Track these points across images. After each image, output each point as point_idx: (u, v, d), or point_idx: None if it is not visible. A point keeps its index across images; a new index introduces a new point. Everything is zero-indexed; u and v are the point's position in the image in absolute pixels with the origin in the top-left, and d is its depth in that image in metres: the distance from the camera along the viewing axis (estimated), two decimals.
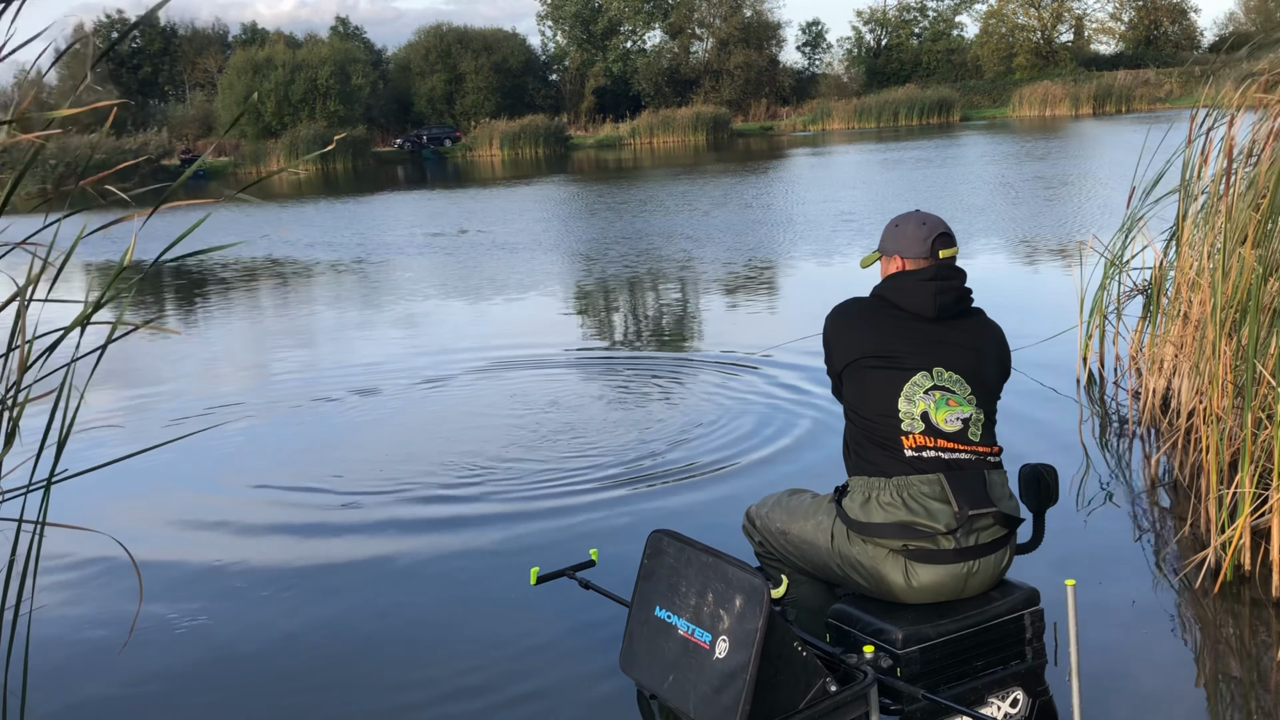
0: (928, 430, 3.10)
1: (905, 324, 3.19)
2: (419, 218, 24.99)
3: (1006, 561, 3.20)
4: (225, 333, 12.62)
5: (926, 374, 3.14)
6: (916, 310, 3.20)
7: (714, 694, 2.80)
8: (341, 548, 5.52)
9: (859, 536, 3.12)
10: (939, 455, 3.08)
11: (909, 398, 3.11)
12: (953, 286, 3.24)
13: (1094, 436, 6.65)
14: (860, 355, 3.18)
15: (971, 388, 3.17)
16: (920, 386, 3.12)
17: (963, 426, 3.12)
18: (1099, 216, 15.76)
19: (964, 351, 3.19)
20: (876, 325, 3.20)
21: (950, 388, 3.14)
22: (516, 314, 12.13)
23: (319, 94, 61.04)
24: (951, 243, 3.28)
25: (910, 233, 3.27)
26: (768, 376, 8.35)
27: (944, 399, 3.12)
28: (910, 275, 3.24)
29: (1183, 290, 6.40)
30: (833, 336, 3.29)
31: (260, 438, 7.65)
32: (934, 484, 3.05)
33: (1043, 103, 60.09)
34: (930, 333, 3.18)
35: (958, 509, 3.02)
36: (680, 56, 73.17)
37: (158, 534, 5.80)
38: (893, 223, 3.35)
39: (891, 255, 3.31)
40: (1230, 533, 4.50)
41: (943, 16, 77.65)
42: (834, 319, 3.32)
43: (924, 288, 3.21)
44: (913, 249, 3.25)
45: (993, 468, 3.17)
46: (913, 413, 3.10)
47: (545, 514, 5.77)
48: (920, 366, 3.14)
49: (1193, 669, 3.96)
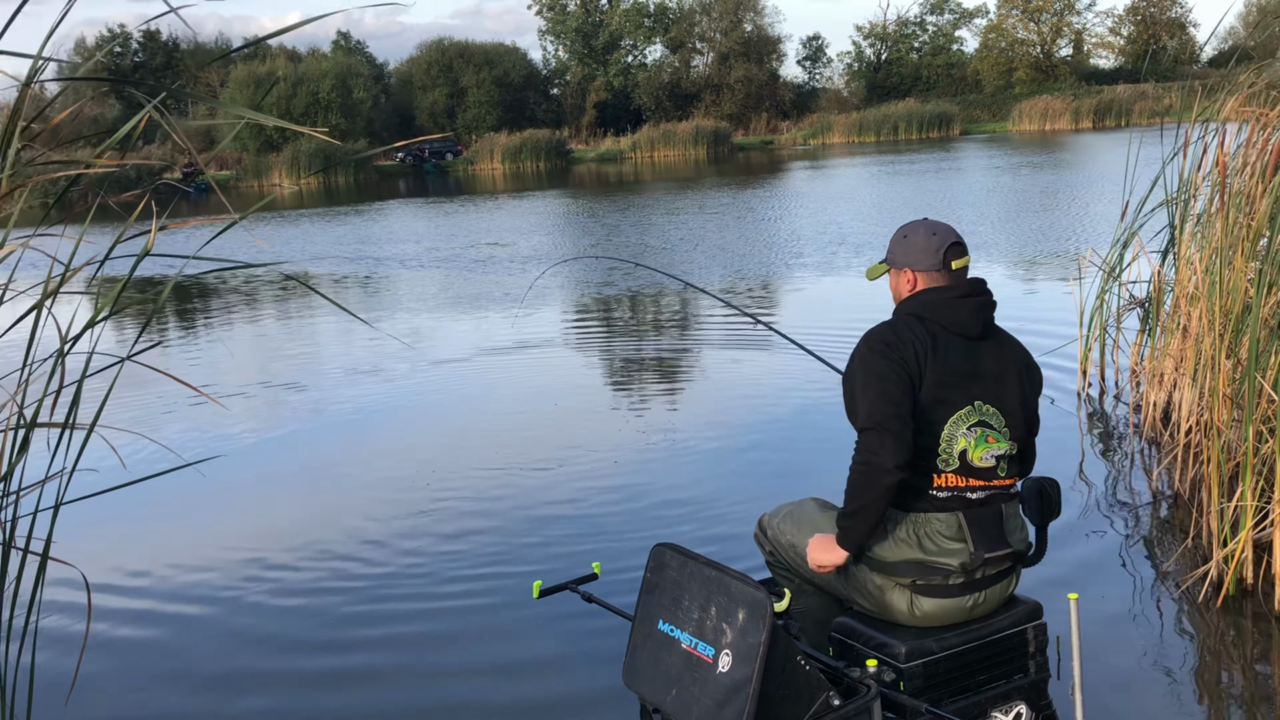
0: (961, 469, 3.00)
1: (956, 349, 3.02)
2: (456, 232, 25.00)
3: (1013, 585, 3.19)
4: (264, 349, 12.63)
5: (971, 408, 3.01)
6: (961, 331, 3.04)
7: (717, 708, 2.80)
8: (340, 560, 5.52)
9: (867, 567, 3.11)
10: (963, 495, 3.01)
11: (951, 434, 2.99)
12: (989, 303, 3.12)
13: (1095, 450, 6.65)
14: (926, 386, 2.96)
15: (1007, 420, 3.07)
16: (964, 421, 3.00)
17: (995, 464, 3.04)
18: (1099, 228, 15.77)
19: (999, 381, 3.07)
20: (937, 347, 3.00)
21: (990, 422, 3.03)
22: (520, 318, 12.12)
23: (321, 107, 61.17)
24: (964, 252, 3.13)
25: (920, 243, 3.11)
26: (777, 387, 8.35)
27: (983, 435, 3.01)
28: (943, 292, 3.07)
29: (1181, 304, 6.41)
30: (886, 369, 2.95)
31: (252, 456, 7.66)
32: (951, 523, 3.00)
33: (1043, 117, 60.17)
34: (971, 358, 3.04)
35: (973, 550, 2.99)
36: (681, 71, 73.30)
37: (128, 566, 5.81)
38: (900, 233, 3.19)
39: (901, 268, 3.15)
40: (1232, 546, 4.50)
41: (942, 31, 77.79)
42: (885, 347, 2.99)
43: (963, 306, 3.05)
44: (924, 261, 3.10)
45: (1009, 499, 3.12)
46: (952, 450, 2.99)
47: (547, 527, 5.78)
48: (966, 400, 3.01)
49: (1195, 683, 3.96)
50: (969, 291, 3.08)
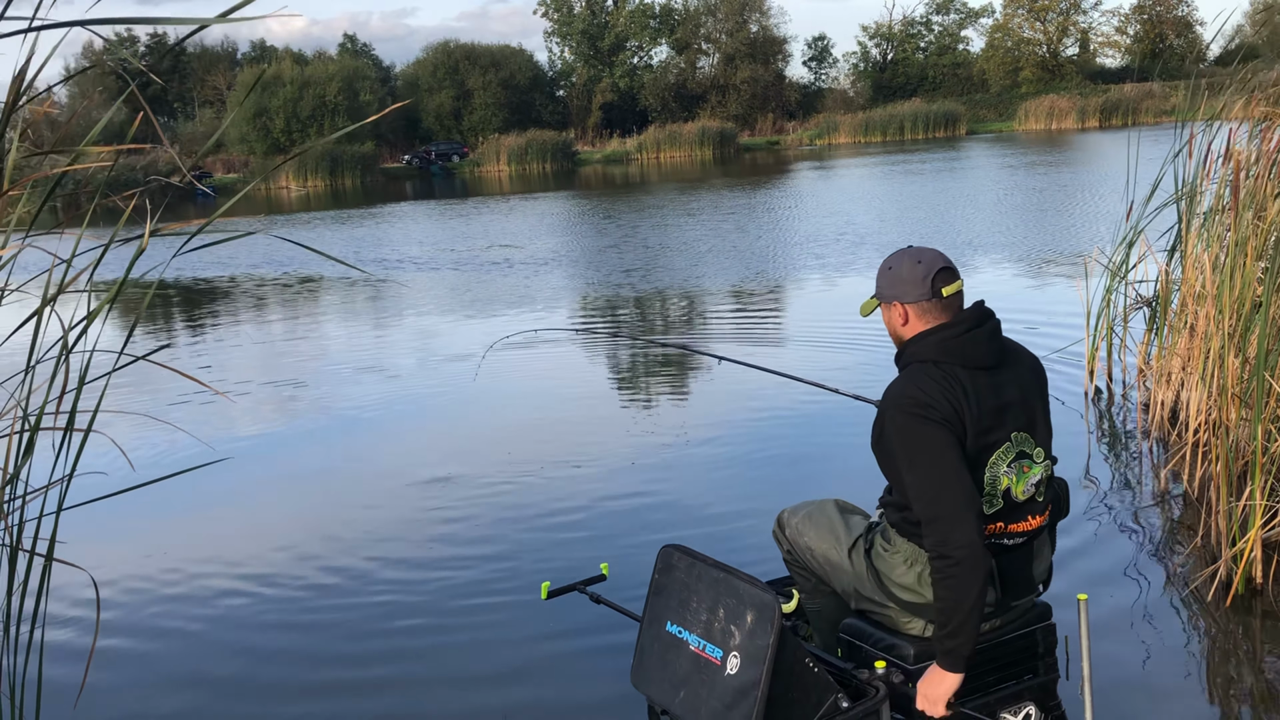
0: (1003, 511, 2.93)
1: (982, 387, 2.90)
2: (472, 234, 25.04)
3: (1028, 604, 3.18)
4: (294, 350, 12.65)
5: (1009, 444, 2.92)
6: (980, 364, 2.92)
7: (725, 710, 2.80)
8: (348, 559, 5.53)
9: (892, 597, 3.08)
10: (1000, 542, 2.97)
11: (994, 476, 2.91)
12: (998, 328, 3.00)
13: (1103, 449, 6.63)
14: (970, 435, 2.86)
15: (1037, 442, 3.01)
16: (1004, 459, 2.92)
17: (1034, 491, 2.99)
18: (1105, 227, 15.74)
19: (1025, 404, 2.99)
20: (965, 394, 2.87)
21: (1026, 450, 2.96)
22: (529, 318, 12.14)
23: (327, 110, 61.31)
24: (954, 276, 2.98)
25: (906, 274, 2.97)
26: (791, 389, 8.34)
27: (1020, 467, 2.94)
28: (949, 330, 2.93)
29: (1188, 302, 6.40)
30: (934, 437, 2.82)
31: (261, 457, 7.67)
32: None
33: (1049, 116, 60.09)
34: (998, 392, 2.93)
35: (1001, 597, 2.98)
36: (687, 72, 73.37)
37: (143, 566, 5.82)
38: (885, 264, 3.06)
39: (891, 301, 3.02)
40: (1241, 545, 4.48)
41: (948, 31, 77.77)
42: (924, 416, 2.83)
43: (976, 340, 2.92)
44: (912, 292, 2.95)
45: (1040, 532, 3.08)
46: (996, 492, 2.91)
47: (556, 528, 5.78)
48: (1005, 437, 2.92)
49: (1205, 682, 3.95)
50: (975, 322, 2.94)
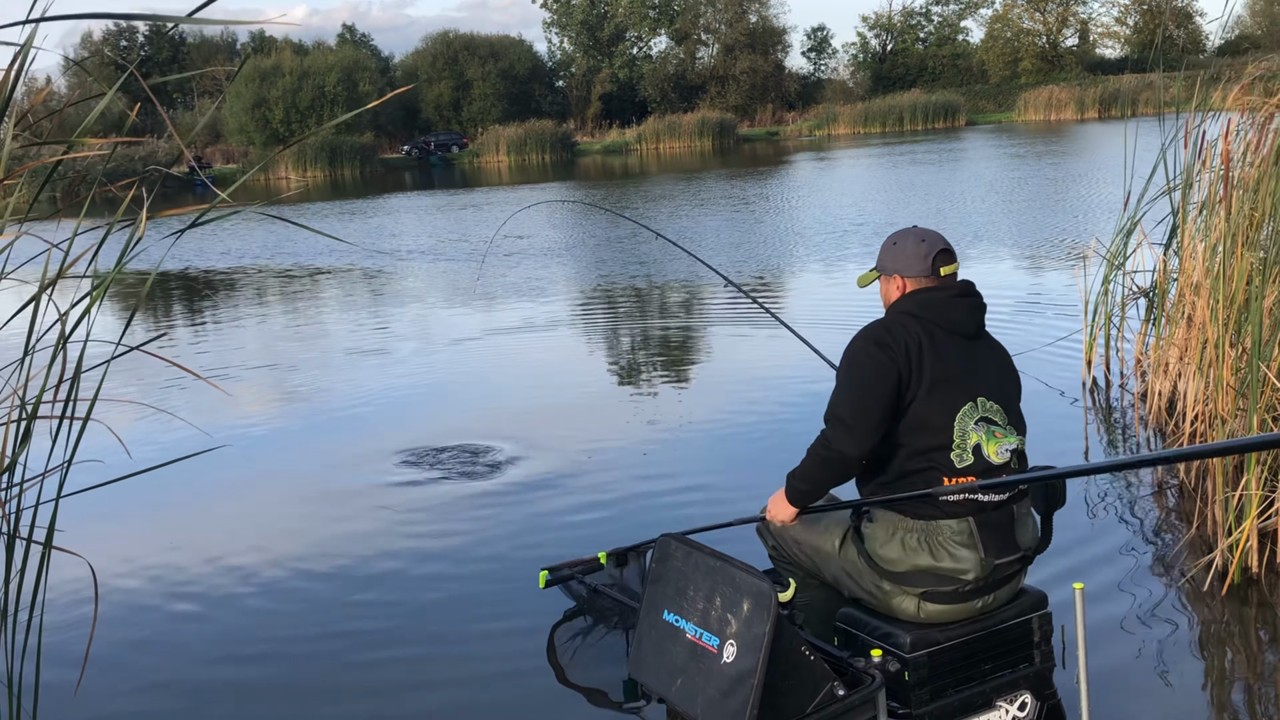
0: (975, 467, 3.00)
1: (953, 346, 3.06)
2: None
3: (1020, 581, 3.19)
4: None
5: (973, 405, 3.04)
6: (958, 329, 3.08)
7: (722, 698, 2.82)
8: (346, 546, 5.54)
9: (876, 572, 3.11)
10: (976, 497, 3.01)
11: (963, 429, 3.01)
12: (981, 304, 3.18)
13: (1100, 439, 6.65)
14: (926, 382, 3.00)
15: (1009, 416, 3.10)
16: (970, 417, 3.03)
17: (1010, 458, 3.05)
18: (1103, 218, 15.73)
19: (994, 379, 3.11)
20: (935, 344, 3.04)
21: (994, 419, 3.06)
22: (529, 312, 12.14)
23: (326, 101, 61.17)
24: (952, 258, 3.20)
25: (910, 250, 3.18)
26: (791, 382, 8.36)
27: (991, 431, 3.03)
28: (937, 291, 3.12)
29: (1185, 293, 6.41)
30: (872, 367, 3.01)
31: (257, 446, 7.68)
32: (963, 530, 3.01)
33: (1048, 106, 60.01)
34: (969, 356, 3.08)
35: (985, 557, 3.00)
36: (686, 62, 73.20)
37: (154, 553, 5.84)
38: (890, 240, 3.27)
39: (891, 274, 3.22)
40: (1237, 535, 4.50)
41: (948, 21, 77.60)
42: (878, 348, 3.02)
43: (959, 304, 3.11)
44: (914, 267, 3.16)
45: (1020, 498, 3.13)
46: (966, 445, 3.00)
47: (553, 517, 5.79)
48: (968, 397, 3.03)
49: (1200, 671, 3.96)
50: (962, 292, 3.15)
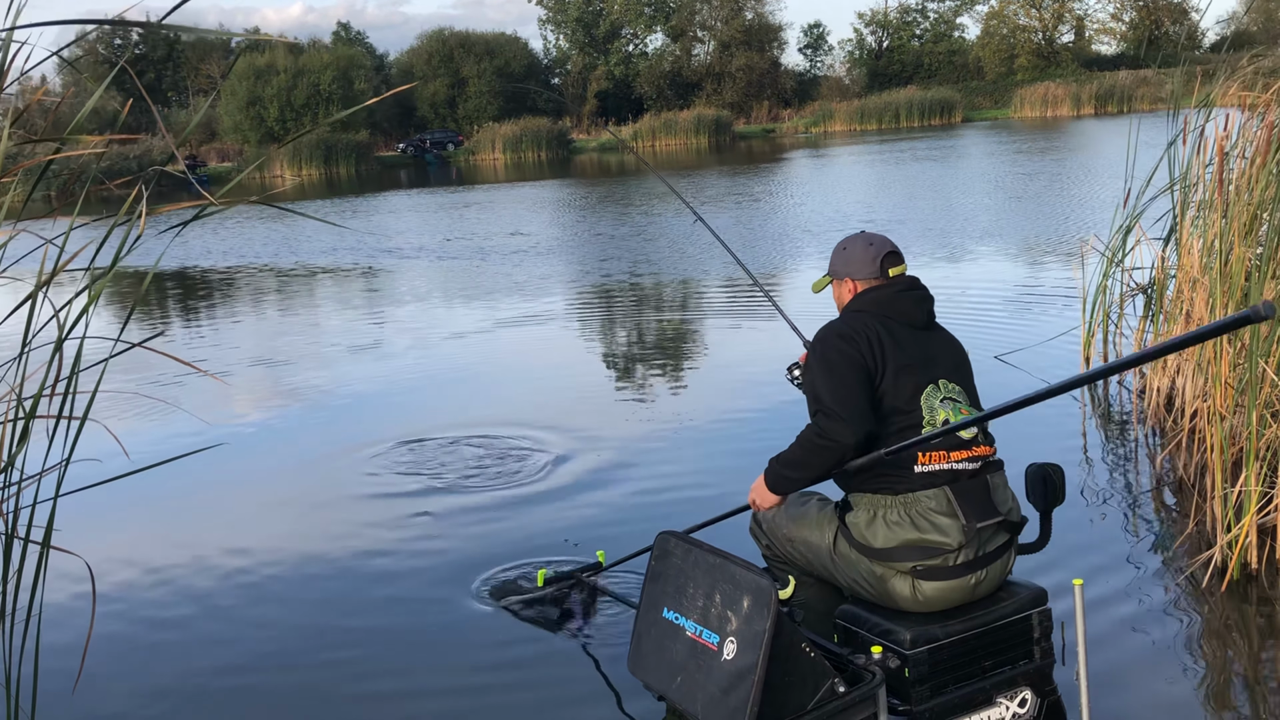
0: (946, 440, 3.10)
1: (907, 336, 3.20)
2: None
3: (1011, 562, 3.22)
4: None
5: (935, 386, 3.16)
6: (907, 320, 3.23)
7: (722, 695, 2.81)
8: (346, 545, 5.53)
9: (865, 557, 3.13)
10: (950, 468, 3.08)
11: (930, 407, 3.12)
12: (928, 296, 3.33)
13: (1099, 436, 6.65)
14: (890, 369, 3.13)
15: (970, 400, 3.24)
16: (935, 396, 3.15)
17: (976, 433, 3.15)
18: (1101, 214, 15.74)
19: (950, 363, 3.25)
20: (892, 335, 3.18)
21: (956, 399, 3.18)
22: (528, 307, 12.14)
23: (321, 99, 61.12)
24: (900, 260, 3.36)
25: (859, 254, 3.34)
26: (781, 380, 8.35)
27: (956, 409, 3.15)
28: (885, 289, 3.28)
29: (1184, 289, 6.41)
30: (842, 360, 3.12)
31: (254, 444, 7.67)
32: (940, 498, 3.06)
33: (1044, 103, 60.07)
34: (923, 344, 3.22)
35: (965, 523, 3.04)
36: (682, 59, 73.19)
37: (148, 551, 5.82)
38: (840, 245, 3.42)
39: (843, 278, 3.37)
40: (1236, 531, 4.50)
41: (944, 18, 77.64)
42: (842, 341, 3.16)
43: (905, 298, 3.27)
44: (863, 270, 3.32)
45: (994, 469, 3.20)
46: (935, 422, 3.11)
47: (552, 516, 5.78)
48: (929, 379, 3.17)
49: (1200, 667, 3.96)
50: (909, 286, 3.30)
